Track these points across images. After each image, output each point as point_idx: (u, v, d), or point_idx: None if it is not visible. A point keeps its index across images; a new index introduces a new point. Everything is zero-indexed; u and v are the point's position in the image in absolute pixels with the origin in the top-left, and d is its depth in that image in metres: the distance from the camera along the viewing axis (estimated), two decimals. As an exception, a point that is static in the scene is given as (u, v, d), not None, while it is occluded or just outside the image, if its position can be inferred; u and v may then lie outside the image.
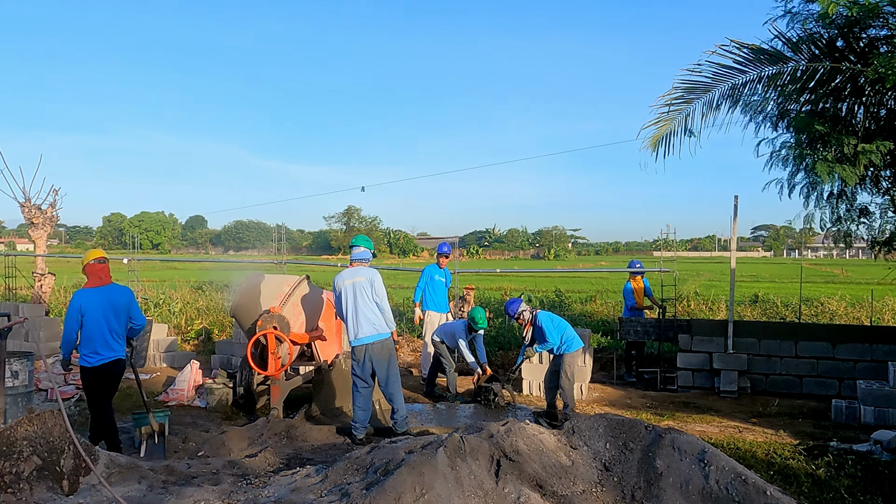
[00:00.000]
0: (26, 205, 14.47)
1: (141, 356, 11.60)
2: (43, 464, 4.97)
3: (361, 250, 7.46)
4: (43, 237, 14.78)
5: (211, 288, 20.85)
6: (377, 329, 7.21)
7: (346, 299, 7.26)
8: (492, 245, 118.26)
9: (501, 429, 5.20)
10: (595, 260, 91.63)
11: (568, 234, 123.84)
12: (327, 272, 29.62)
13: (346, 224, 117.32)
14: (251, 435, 7.05)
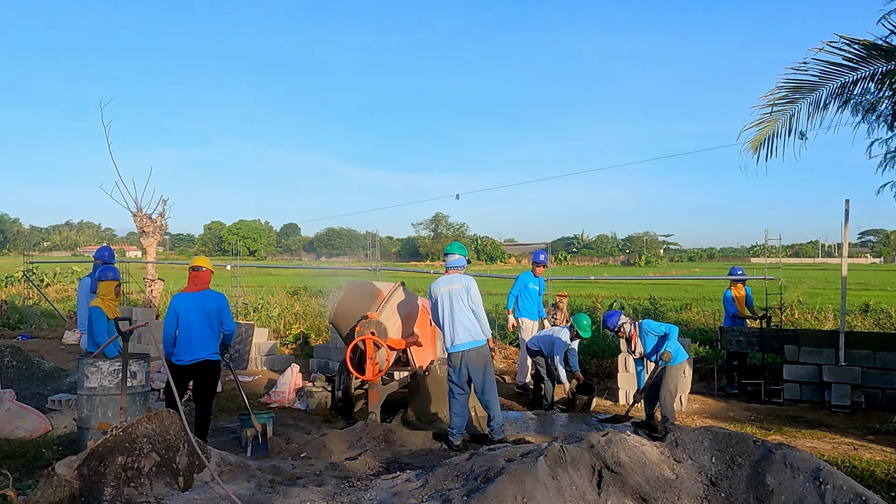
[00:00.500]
0: (138, 214, 15.34)
1: (244, 359, 12.06)
2: (161, 460, 5.24)
3: (456, 257, 7.53)
4: (153, 245, 15.62)
5: (306, 293, 21.47)
6: (473, 336, 7.24)
7: (443, 306, 7.33)
8: (580, 251, 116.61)
9: (602, 439, 5.12)
10: (688, 266, 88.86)
11: (660, 240, 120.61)
12: (418, 278, 29.98)
13: (433, 231, 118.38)
14: (350, 438, 7.21)
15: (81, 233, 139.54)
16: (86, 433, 6.28)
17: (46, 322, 17.70)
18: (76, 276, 30.79)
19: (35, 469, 6.10)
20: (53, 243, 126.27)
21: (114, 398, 6.28)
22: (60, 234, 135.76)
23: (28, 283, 21.68)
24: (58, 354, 12.88)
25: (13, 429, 6.92)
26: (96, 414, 6.28)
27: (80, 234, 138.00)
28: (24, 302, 20.10)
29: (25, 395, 8.45)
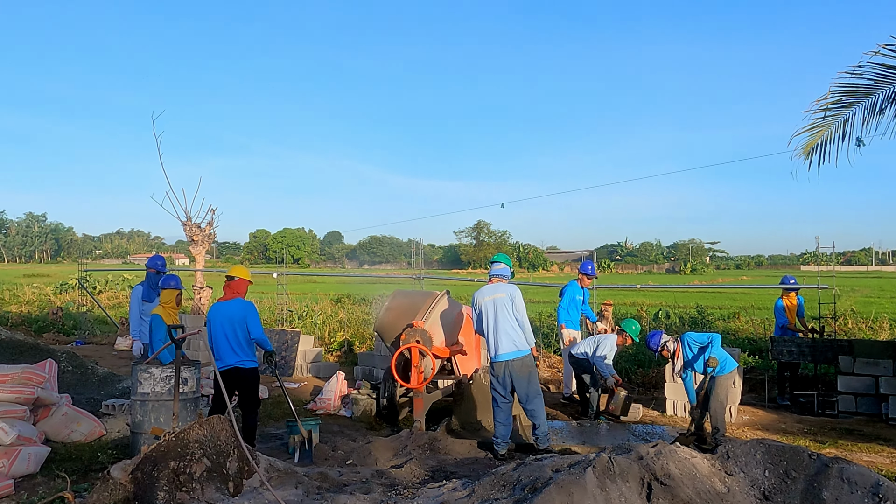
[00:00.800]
0: (188, 223, 15.69)
1: (289, 366, 12.22)
2: (212, 465, 5.33)
3: (501, 267, 7.55)
4: (202, 253, 15.97)
5: (349, 301, 21.65)
6: (517, 346, 7.21)
7: (487, 315, 7.32)
8: (623, 259, 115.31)
9: (651, 451, 5.05)
10: (736, 274, 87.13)
11: (705, 248, 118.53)
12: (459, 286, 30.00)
13: (475, 238, 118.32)
14: (396, 446, 7.24)
15: (132, 241, 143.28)
16: (139, 438, 6.42)
17: (99, 328, 18.19)
18: (127, 283, 31.61)
19: (90, 472, 6.26)
20: (105, 251, 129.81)
21: (166, 404, 6.41)
22: (112, 243, 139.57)
23: (82, 291, 22.32)
24: (110, 360, 13.22)
25: (69, 433, 7.11)
26: (149, 419, 6.41)
27: (131, 243, 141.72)
28: (78, 309, 20.67)
29: (80, 399, 8.67)
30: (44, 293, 28.62)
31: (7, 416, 6.33)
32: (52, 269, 79.00)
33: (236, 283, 7.14)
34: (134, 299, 8.30)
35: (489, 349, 7.35)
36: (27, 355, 10.47)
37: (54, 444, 6.84)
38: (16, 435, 6.20)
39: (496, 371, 7.27)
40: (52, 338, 16.29)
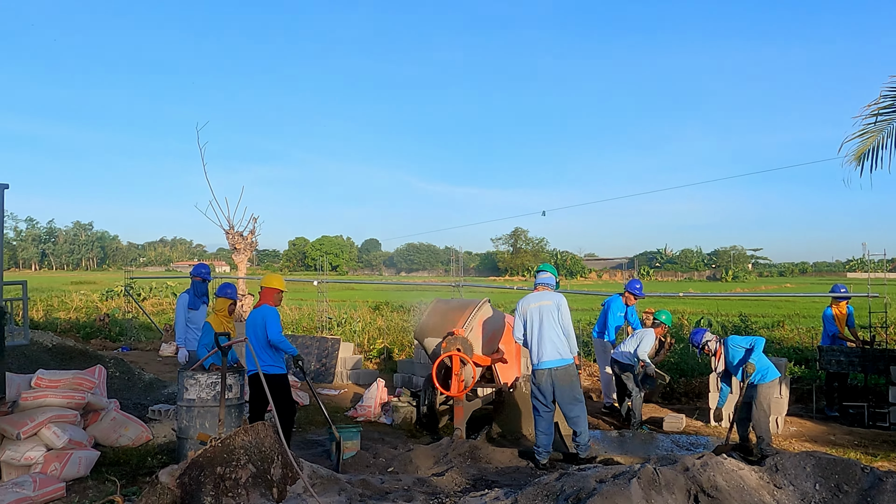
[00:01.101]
0: (230, 232, 15.96)
1: (330, 373, 12.31)
2: (256, 471, 5.40)
3: (547, 275, 7.58)
4: (244, 261, 16.21)
5: (387, 308, 21.75)
6: (561, 354, 7.18)
7: (531, 323, 7.30)
8: (663, 266, 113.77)
9: (697, 462, 4.97)
10: (779, 282, 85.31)
11: (748, 255, 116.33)
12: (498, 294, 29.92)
13: (513, 246, 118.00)
14: (436, 454, 7.24)
15: (174, 249, 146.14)
16: (185, 443, 6.53)
17: (144, 334, 18.55)
18: (170, 290, 32.20)
19: (138, 476, 6.38)
20: (149, 259, 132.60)
21: (211, 410, 6.51)
22: (155, 251, 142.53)
23: (128, 298, 22.81)
24: (155, 366, 13.47)
25: (118, 437, 7.26)
26: (194, 425, 6.52)
27: (174, 251, 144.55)
28: (123, 315, 21.12)
29: (127, 404, 8.85)
30: (91, 300, 29.30)
31: (59, 420, 6.48)
32: (98, 276, 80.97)
33: (265, 291, 7.34)
34: (180, 307, 8.46)
35: (532, 356, 7.32)
36: (76, 361, 10.74)
37: (103, 448, 6.99)
38: (67, 439, 6.35)
39: (538, 379, 7.23)
40: (100, 344, 16.66)
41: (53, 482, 5.83)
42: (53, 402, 6.62)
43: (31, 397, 6.55)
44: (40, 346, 10.91)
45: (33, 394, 6.59)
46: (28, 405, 6.53)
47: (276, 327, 7.08)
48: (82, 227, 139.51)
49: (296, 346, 12.69)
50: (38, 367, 8.82)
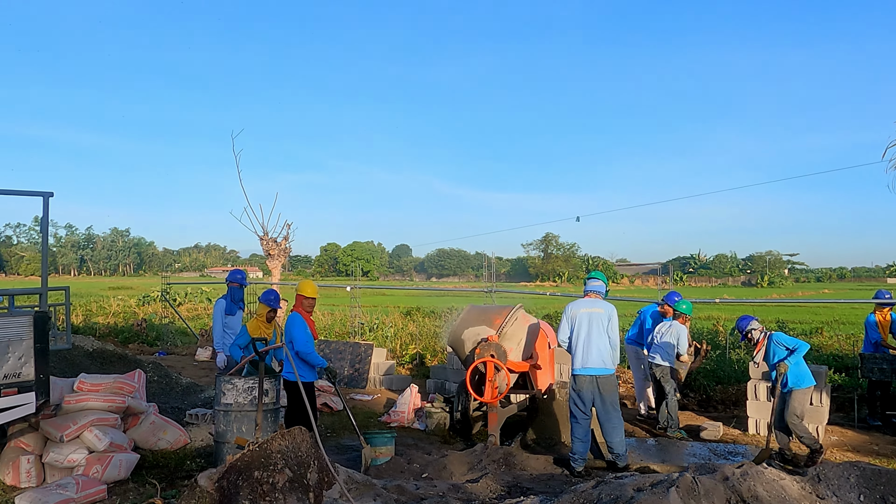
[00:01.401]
0: (264, 238, 16.14)
1: (363, 378, 12.37)
2: (293, 476, 5.44)
3: (598, 283, 7.60)
4: (278, 267, 16.39)
5: (419, 314, 21.78)
6: (605, 363, 7.19)
7: (580, 327, 7.28)
8: (697, 272, 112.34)
9: (737, 471, 4.89)
10: (816, 287, 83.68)
11: (784, 260, 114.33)
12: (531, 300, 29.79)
13: (543, 251, 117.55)
14: (470, 460, 7.23)
15: (208, 255, 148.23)
16: (222, 447, 6.61)
17: (180, 339, 18.83)
18: (205, 295, 32.66)
19: (177, 479, 6.48)
20: (184, 265, 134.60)
21: (248, 414, 6.58)
22: (190, 256, 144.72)
23: (164, 303, 23.18)
24: (192, 370, 13.66)
25: (157, 440, 7.38)
26: (231, 429, 6.59)
27: (208, 256, 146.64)
28: (160, 320, 21.47)
29: (165, 408, 8.98)
30: (128, 305, 29.84)
31: (100, 423, 6.61)
32: (134, 281, 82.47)
33: (297, 298, 7.42)
34: (217, 313, 8.57)
35: (575, 361, 7.28)
36: (116, 365, 10.95)
37: (142, 451, 7.11)
38: (108, 442, 6.48)
39: (579, 385, 7.19)
40: (137, 348, 16.96)
41: (95, 484, 5.95)
42: (95, 406, 6.76)
43: (74, 401, 6.70)
44: (81, 351, 11.14)
45: (76, 397, 6.74)
46: (71, 408, 6.68)
47: (302, 337, 7.08)
48: (119, 234, 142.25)
49: (329, 351, 12.82)
50: (79, 371, 9.01)
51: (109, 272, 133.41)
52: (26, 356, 6.12)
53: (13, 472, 6.26)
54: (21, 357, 6.09)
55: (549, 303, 30.75)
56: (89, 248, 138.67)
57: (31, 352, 6.15)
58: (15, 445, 6.46)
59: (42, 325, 6.25)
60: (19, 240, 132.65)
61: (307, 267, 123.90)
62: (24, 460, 6.31)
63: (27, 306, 8.25)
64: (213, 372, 13.48)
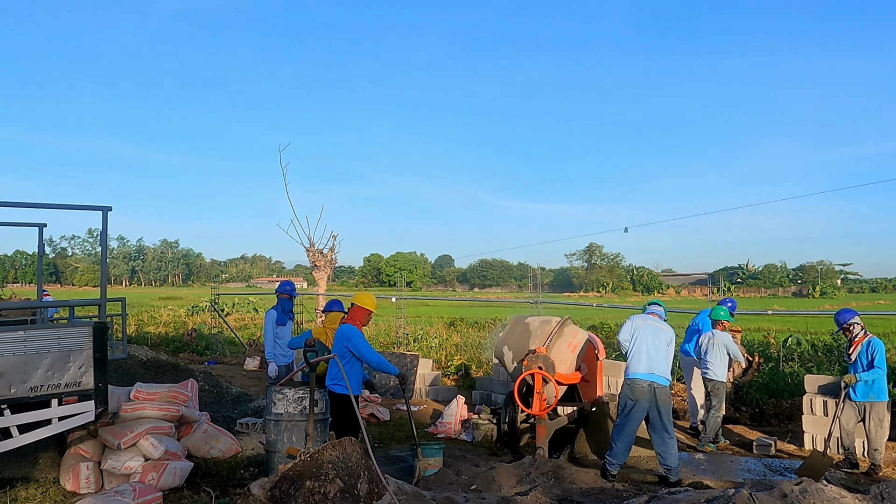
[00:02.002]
0: (311, 249, 16.36)
1: (409, 389, 12.38)
2: (344, 486, 5.47)
3: (659, 308, 7.87)
4: (324, 277, 16.57)
5: (463, 324, 21.77)
6: (665, 374, 7.22)
7: (642, 335, 7.35)
8: (745, 282, 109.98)
9: (796, 488, 4.78)
10: (871, 298, 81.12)
11: (836, 269, 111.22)
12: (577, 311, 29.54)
13: (587, 261, 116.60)
14: (519, 472, 7.18)
15: (254, 265, 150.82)
16: (273, 456, 6.69)
17: (229, 349, 19.15)
18: (251, 306, 33.22)
19: (229, 488, 6.58)
20: (230, 275, 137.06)
21: (298, 424, 6.66)
22: (236, 267, 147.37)
23: (213, 313, 23.63)
24: (241, 380, 13.88)
25: (209, 449, 7.50)
26: (282, 438, 6.67)
27: (254, 267, 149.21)
28: (209, 330, 21.87)
29: (217, 417, 9.13)
30: (178, 315, 30.50)
31: (156, 431, 6.76)
32: (183, 291, 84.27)
33: (353, 310, 7.27)
34: (268, 323, 8.69)
35: (635, 366, 7.25)
36: (169, 374, 11.19)
37: (195, 459, 7.23)
38: (164, 450, 6.61)
39: (636, 392, 7.14)
40: (187, 357, 17.29)
41: (151, 491, 6.07)
42: (151, 414, 6.91)
43: (131, 409, 6.86)
44: (136, 360, 11.41)
45: (132, 406, 6.90)
46: (128, 416, 6.84)
47: (369, 349, 7.00)
48: (169, 245, 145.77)
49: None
50: (134, 380, 9.24)
51: (159, 283, 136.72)
52: (86, 366, 6.30)
53: (73, 479, 6.44)
54: (81, 366, 6.27)
55: (594, 314, 30.46)
56: (140, 259, 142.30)
57: (90, 361, 6.33)
58: (75, 452, 6.64)
59: (101, 335, 6.43)
60: (74, 251, 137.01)
61: (351, 277, 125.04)
62: (83, 467, 6.49)
63: (85, 317, 8.50)
64: (261, 381, 13.68)
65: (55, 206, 7.14)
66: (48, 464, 6.81)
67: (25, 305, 8.30)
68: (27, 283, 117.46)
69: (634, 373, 7.23)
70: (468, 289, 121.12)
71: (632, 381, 7.21)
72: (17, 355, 5.93)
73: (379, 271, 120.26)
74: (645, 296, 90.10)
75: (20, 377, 5.94)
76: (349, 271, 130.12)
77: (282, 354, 8.68)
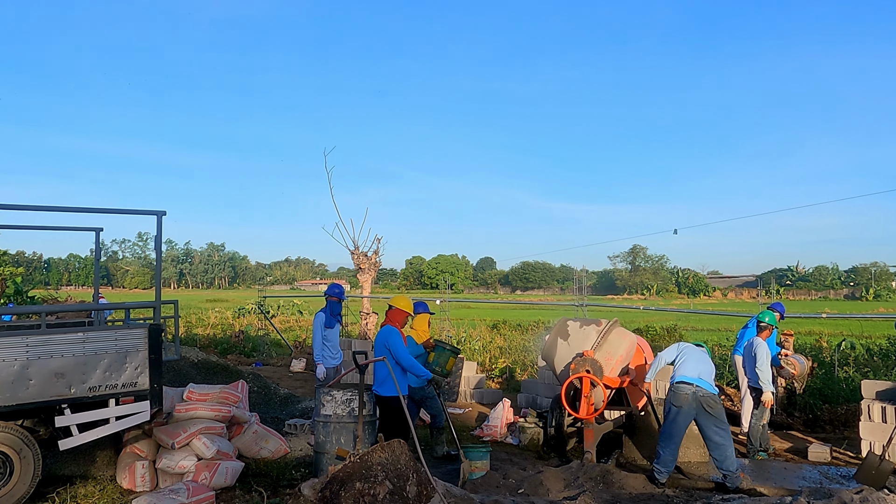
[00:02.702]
0: (355, 252, 16.48)
1: (454, 391, 12.41)
2: (393, 488, 5.50)
3: None
4: (368, 280, 16.67)
5: (505, 327, 21.71)
6: (711, 381, 7.12)
7: (688, 352, 7.36)
8: (795, 284, 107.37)
9: (856, 497, 4.65)
10: (929, 301, 78.49)
11: (891, 272, 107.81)
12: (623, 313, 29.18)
13: (631, 263, 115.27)
14: (566, 477, 7.13)
15: (298, 268, 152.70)
16: (321, 457, 6.76)
17: (275, 351, 19.43)
18: (296, 308, 33.62)
19: (279, 488, 6.66)
20: (275, 278, 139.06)
21: (346, 426, 6.71)
22: (281, 270, 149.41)
23: (259, 315, 24.00)
24: (288, 381, 14.06)
25: (259, 450, 7.62)
26: (331, 440, 6.73)
27: (297, 270, 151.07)
28: (256, 332, 22.21)
29: (265, 418, 9.26)
30: (224, 317, 31.04)
31: (208, 432, 6.90)
32: (229, 294, 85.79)
33: (392, 312, 7.34)
34: (317, 326, 8.78)
35: (678, 372, 7.20)
36: (219, 375, 11.40)
37: (245, 459, 7.35)
38: (216, 450, 6.74)
39: (679, 396, 7.04)
40: (235, 359, 17.58)
41: (204, 490, 6.19)
42: (203, 415, 7.06)
43: (184, 409, 7.02)
44: (187, 361, 11.65)
45: (185, 406, 7.06)
46: (181, 417, 7.00)
47: (404, 351, 7.05)
48: (215, 248, 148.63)
49: (420, 364, 12.93)
50: (186, 381, 9.43)
51: (206, 285, 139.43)
52: (142, 367, 6.46)
53: (129, 477, 6.60)
54: (137, 367, 6.44)
55: (639, 316, 30.06)
56: (187, 262, 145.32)
57: (146, 362, 6.49)
58: (130, 451, 6.82)
59: (156, 337, 6.59)
60: (124, 255, 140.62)
61: (393, 280, 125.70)
62: (139, 465, 6.65)
63: (139, 319, 8.70)
64: (307, 383, 13.84)
65: (112, 211, 7.34)
66: (105, 462, 7.01)
67: (83, 307, 8.54)
68: (80, 286, 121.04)
69: (679, 377, 7.13)
70: (510, 291, 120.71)
71: (676, 387, 7.11)
72: (76, 356, 6.12)
73: (421, 274, 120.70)
74: (690, 298, 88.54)
75: (80, 377, 6.12)
76: (391, 274, 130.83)
77: (330, 356, 8.76)
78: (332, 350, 8.81)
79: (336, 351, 8.88)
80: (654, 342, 13.28)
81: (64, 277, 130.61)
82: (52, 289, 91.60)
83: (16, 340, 5.85)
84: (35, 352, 5.91)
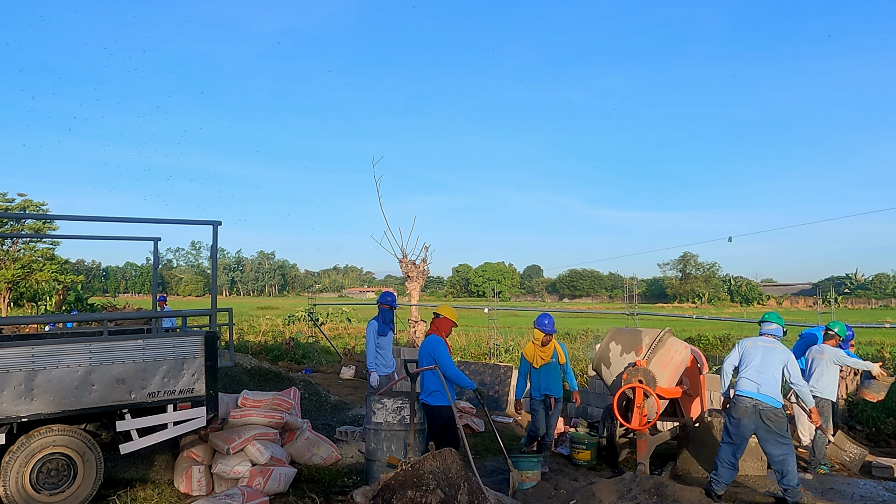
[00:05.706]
0: (403, 260, 16.58)
1: (503, 400, 12.36)
2: (445, 497, 5.50)
3: (774, 326, 7.32)
4: (416, 288, 16.75)
5: (554, 336, 21.48)
6: (772, 394, 6.85)
7: (752, 354, 7.08)
8: (853, 293, 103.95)
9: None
10: None
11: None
12: (675, 322, 28.68)
13: (681, 271, 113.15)
14: (619, 489, 7.02)
15: (346, 276, 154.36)
16: (372, 464, 6.81)
17: (324, 358, 19.63)
18: (345, 315, 33.95)
19: (331, 494, 6.73)
20: (323, 286, 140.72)
21: (397, 433, 6.75)
22: (329, 278, 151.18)
23: (309, 322, 24.29)
24: (338, 388, 14.19)
25: (311, 456, 7.70)
26: (381, 447, 6.78)
27: (345, 278, 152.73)
28: (306, 339, 22.48)
29: (316, 425, 9.36)
30: (275, 324, 31.53)
31: (262, 438, 7.00)
32: (280, 301, 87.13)
33: (438, 321, 7.29)
34: (370, 333, 8.84)
35: (739, 384, 6.98)
36: (271, 382, 11.58)
37: (297, 465, 7.44)
38: (269, 455, 6.84)
39: (739, 409, 6.86)
40: (286, 366, 17.82)
41: (259, 496, 6.28)
42: (257, 421, 7.17)
43: (239, 415, 7.14)
44: (241, 368, 11.87)
45: (240, 412, 7.18)
46: (236, 422, 7.12)
47: (449, 361, 7.01)
48: (266, 257, 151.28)
49: (469, 372, 12.92)
50: (240, 388, 9.60)
51: (257, 293, 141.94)
52: (199, 373, 6.61)
53: (186, 481, 6.74)
54: (194, 374, 6.58)
55: (691, 325, 29.50)
56: (239, 270, 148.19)
57: (202, 369, 6.64)
58: (187, 455, 6.97)
59: (212, 344, 6.74)
60: (178, 263, 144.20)
61: (440, 288, 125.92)
62: (195, 470, 6.79)
63: (195, 326, 8.90)
64: (357, 390, 13.95)
65: (169, 221, 7.53)
66: (163, 466, 7.18)
67: (144, 315, 8.79)
68: (136, 293, 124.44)
69: (739, 390, 6.94)
70: (557, 299, 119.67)
71: (736, 399, 6.94)
72: (136, 363, 6.29)
73: (468, 281, 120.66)
74: (743, 307, 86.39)
75: (139, 383, 6.30)
76: (438, 281, 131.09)
77: (383, 364, 8.79)
78: (385, 358, 8.84)
79: (389, 359, 8.91)
80: (707, 351, 13.01)
81: (121, 285, 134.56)
82: (109, 296, 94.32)
83: (80, 347, 6.05)
84: (98, 358, 6.10)
